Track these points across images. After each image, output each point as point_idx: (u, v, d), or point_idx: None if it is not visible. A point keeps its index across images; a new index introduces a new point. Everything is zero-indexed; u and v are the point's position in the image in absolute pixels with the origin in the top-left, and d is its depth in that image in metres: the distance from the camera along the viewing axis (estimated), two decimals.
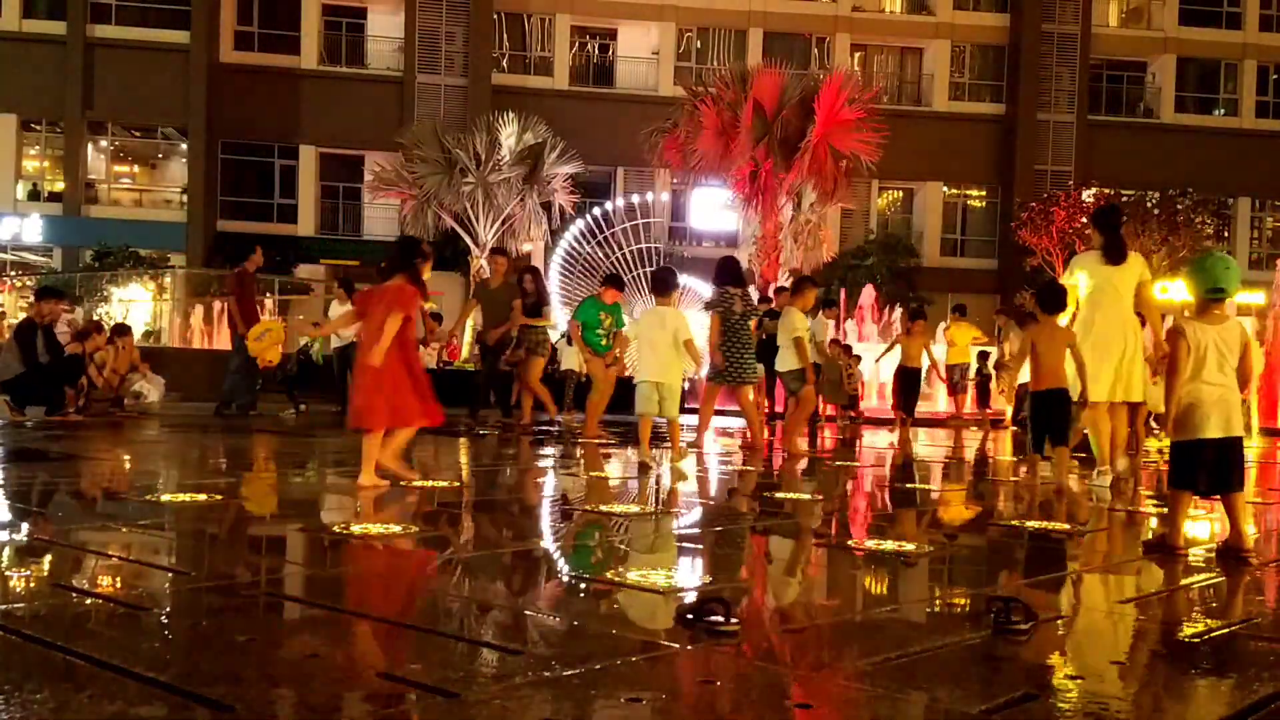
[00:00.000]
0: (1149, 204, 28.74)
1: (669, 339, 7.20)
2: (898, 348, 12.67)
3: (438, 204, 24.15)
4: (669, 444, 7.59)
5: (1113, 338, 6.42)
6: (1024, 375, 7.43)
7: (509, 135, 24.07)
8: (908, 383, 12.47)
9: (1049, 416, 6.38)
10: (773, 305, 12.91)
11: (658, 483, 6.22)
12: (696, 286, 20.70)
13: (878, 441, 11.38)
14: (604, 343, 10.04)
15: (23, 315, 13.98)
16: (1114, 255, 6.45)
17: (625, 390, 9.45)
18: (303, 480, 6.43)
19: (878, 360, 15.81)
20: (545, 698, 2.05)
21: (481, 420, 10.99)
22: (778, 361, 8.90)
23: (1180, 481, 4.08)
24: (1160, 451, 9.28)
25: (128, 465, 6.85)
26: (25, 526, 4.15)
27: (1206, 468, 3.98)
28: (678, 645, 2.48)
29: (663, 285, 7.56)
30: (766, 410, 12.98)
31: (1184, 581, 3.70)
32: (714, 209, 27.93)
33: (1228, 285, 4.04)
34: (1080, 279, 6.53)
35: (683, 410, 7.95)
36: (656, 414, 7.26)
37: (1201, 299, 4.11)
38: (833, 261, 25.32)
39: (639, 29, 33.19)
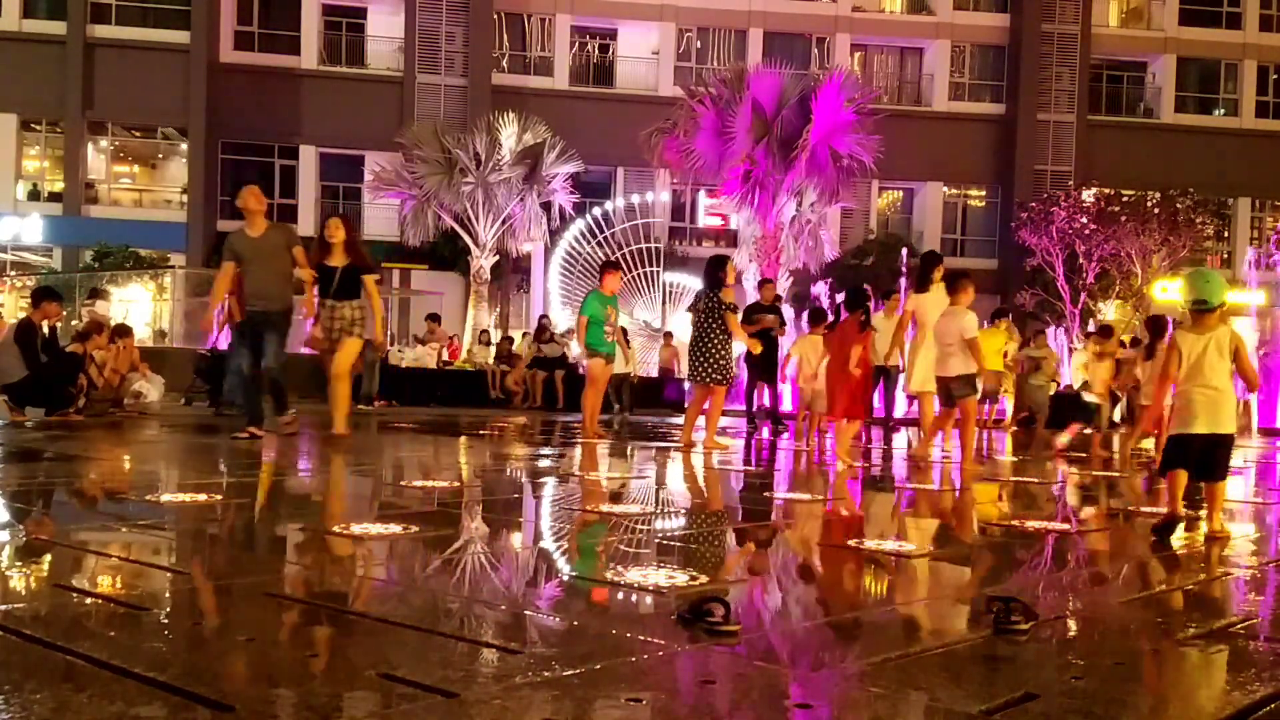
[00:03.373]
0: (1149, 204, 28.74)
1: (820, 357, 9.38)
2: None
3: (438, 204, 24.16)
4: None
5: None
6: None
7: (509, 135, 24.08)
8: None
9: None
10: (759, 300, 12.61)
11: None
12: (696, 286, 20.64)
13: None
14: (608, 339, 10.10)
15: (22, 315, 13.96)
16: (928, 288, 8.81)
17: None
18: (303, 479, 6.43)
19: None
20: (545, 698, 2.05)
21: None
22: (949, 365, 8.07)
23: (1171, 467, 4.63)
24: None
25: (128, 465, 6.85)
26: (25, 526, 4.15)
27: (1193, 458, 4.55)
28: (678, 645, 2.49)
29: (816, 319, 10.22)
30: (768, 406, 12.97)
31: (1184, 581, 3.70)
32: (717, 209, 27.96)
33: (1208, 297, 4.51)
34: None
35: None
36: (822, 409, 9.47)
37: (1191, 311, 4.62)
38: (833, 261, 25.33)
39: (639, 29, 33.18)
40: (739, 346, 11.40)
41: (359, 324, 8.33)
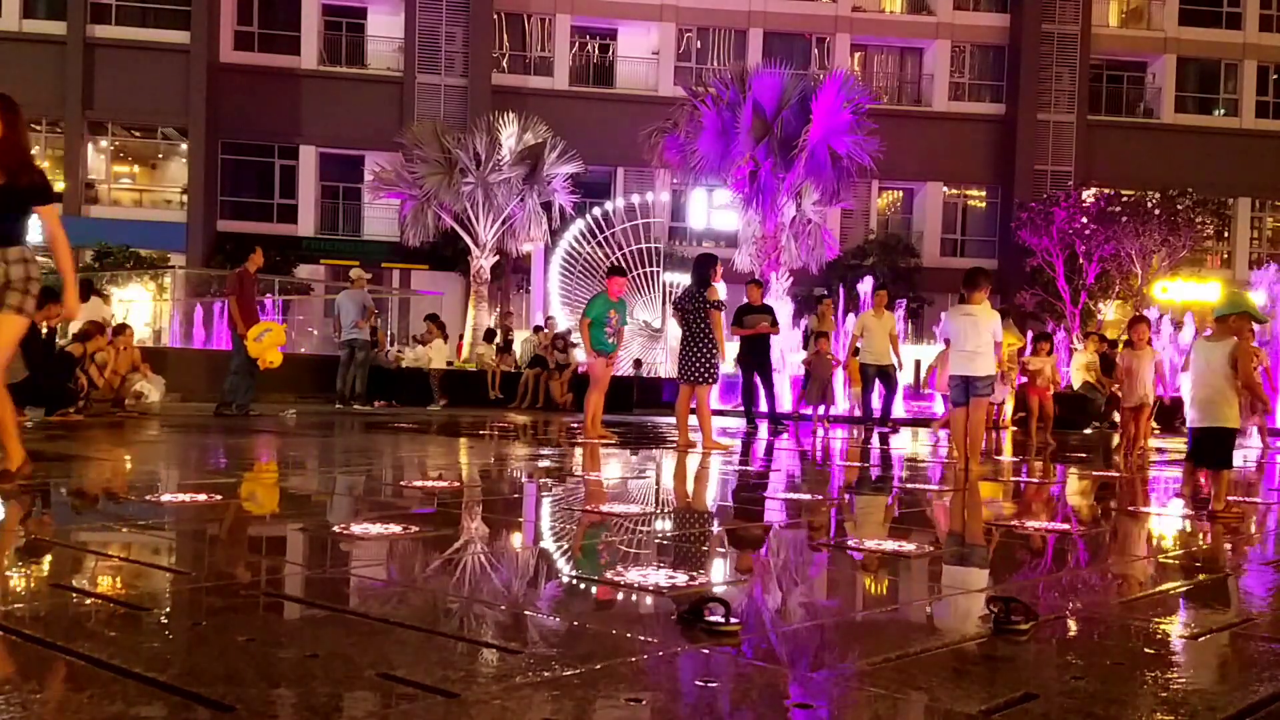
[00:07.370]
0: (1149, 204, 28.74)
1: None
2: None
3: (438, 204, 24.17)
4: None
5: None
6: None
7: (509, 135, 24.09)
8: None
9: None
10: (748, 301, 12.50)
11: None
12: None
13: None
14: (610, 341, 10.10)
15: None
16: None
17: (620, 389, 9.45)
18: (303, 480, 6.43)
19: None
20: (545, 698, 2.04)
21: None
22: (978, 366, 7.76)
23: (1187, 456, 5.69)
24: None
25: (128, 465, 6.85)
26: (25, 526, 4.15)
27: (1194, 448, 5.55)
28: (678, 645, 2.49)
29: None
30: (766, 412, 12.94)
31: (1184, 581, 3.70)
32: (714, 209, 27.96)
33: (1216, 309, 5.52)
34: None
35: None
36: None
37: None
38: (833, 261, 25.32)
39: (639, 29, 33.20)
40: (730, 346, 11.39)
41: (20, 289, 4.98)
